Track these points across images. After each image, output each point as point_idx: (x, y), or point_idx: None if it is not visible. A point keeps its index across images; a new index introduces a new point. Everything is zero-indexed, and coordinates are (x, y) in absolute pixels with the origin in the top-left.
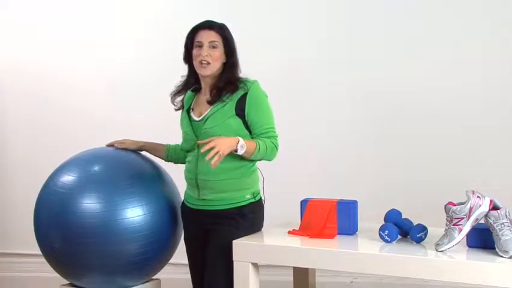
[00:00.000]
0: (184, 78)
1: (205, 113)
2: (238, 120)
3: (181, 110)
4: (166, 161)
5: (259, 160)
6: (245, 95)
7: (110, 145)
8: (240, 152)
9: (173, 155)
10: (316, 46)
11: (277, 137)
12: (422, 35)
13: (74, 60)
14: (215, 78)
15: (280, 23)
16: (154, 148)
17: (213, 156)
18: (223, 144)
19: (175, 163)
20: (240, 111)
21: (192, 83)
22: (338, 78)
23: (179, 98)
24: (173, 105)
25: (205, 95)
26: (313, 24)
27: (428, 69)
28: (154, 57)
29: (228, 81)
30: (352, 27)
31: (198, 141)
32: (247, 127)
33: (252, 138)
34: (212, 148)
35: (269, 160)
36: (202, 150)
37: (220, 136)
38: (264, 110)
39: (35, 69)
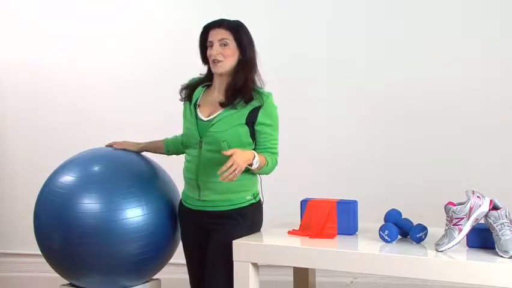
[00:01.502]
0: (202, 75)
1: (215, 115)
2: (246, 129)
3: (184, 102)
4: (168, 155)
5: (261, 174)
6: (259, 107)
7: (109, 145)
8: (254, 166)
9: (173, 148)
10: (316, 46)
11: (278, 153)
12: (423, 35)
13: (75, 60)
14: (230, 76)
15: (280, 23)
16: (154, 147)
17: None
18: (241, 161)
19: (177, 155)
20: (251, 122)
21: (205, 81)
22: (338, 78)
23: (186, 91)
24: (179, 95)
25: (218, 92)
26: (314, 24)
27: (428, 69)
28: (155, 57)
29: (244, 84)
30: (352, 27)
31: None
32: (253, 136)
33: (255, 147)
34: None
35: (266, 174)
36: (219, 172)
37: (237, 149)
38: (275, 127)
39: (35, 69)
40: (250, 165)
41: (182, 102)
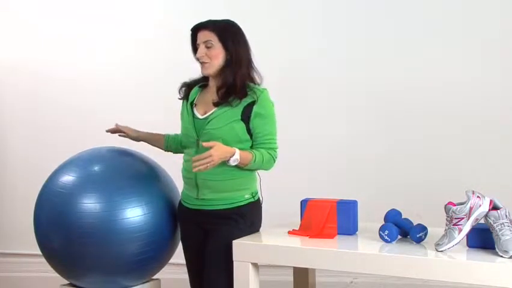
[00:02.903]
0: (199, 77)
1: (210, 113)
2: (242, 125)
3: (182, 101)
4: (165, 151)
5: (255, 170)
6: (253, 102)
7: (111, 130)
8: (231, 164)
9: (173, 144)
10: (315, 46)
11: (277, 148)
12: (423, 34)
13: (74, 60)
14: (220, 76)
15: (280, 23)
16: (152, 138)
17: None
18: (217, 156)
19: (174, 153)
20: (246, 117)
21: (202, 81)
22: (337, 78)
23: (185, 89)
24: (178, 94)
25: (211, 94)
26: (314, 24)
27: (428, 69)
28: (155, 57)
29: (234, 81)
30: (352, 27)
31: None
32: (250, 132)
33: (252, 145)
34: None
35: (265, 170)
36: (194, 158)
37: (220, 144)
38: (270, 121)
39: (35, 69)
40: (227, 161)
41: (181, 102)
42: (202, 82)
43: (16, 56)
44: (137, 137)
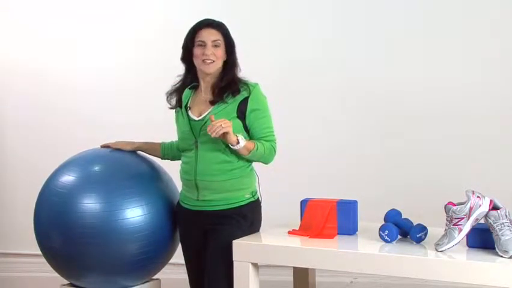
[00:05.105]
0: (181, 77)
1: (206, 113)
2: (238, 122)
3: (175, 109)
4: (162, 159)
5: (257, 161)
6: (247, 98)
7: (105, 146)
8: (241, 143)
9: (170, 152)
10: (315, 46)
11: (275, 140)
12: (422, 34)
13: (74, 60)
14: (216, 77)
15: (279, 23)
16: (149, 148)
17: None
18: (230, 127)
19: (171, 160)
20: (241, 113)
21: (188, 82)
22: (337, 78)
23: (175, 98)
24: (168, 104)
25: (205, 94)
26: (313, 24)
27: (428, 69)
28: (153, 58)
29: (230, 81)
30: (352, 27)
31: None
32: (247, 129)
33: (250, 139)
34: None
35: (266, 162)
36: (208, 128)
37: None
38: (265, 115)
39: (35, 70)
40: (237, 142)
41: (174, 110)
42: (189, 83)
43: (16, 56)
44: (133, 148)
